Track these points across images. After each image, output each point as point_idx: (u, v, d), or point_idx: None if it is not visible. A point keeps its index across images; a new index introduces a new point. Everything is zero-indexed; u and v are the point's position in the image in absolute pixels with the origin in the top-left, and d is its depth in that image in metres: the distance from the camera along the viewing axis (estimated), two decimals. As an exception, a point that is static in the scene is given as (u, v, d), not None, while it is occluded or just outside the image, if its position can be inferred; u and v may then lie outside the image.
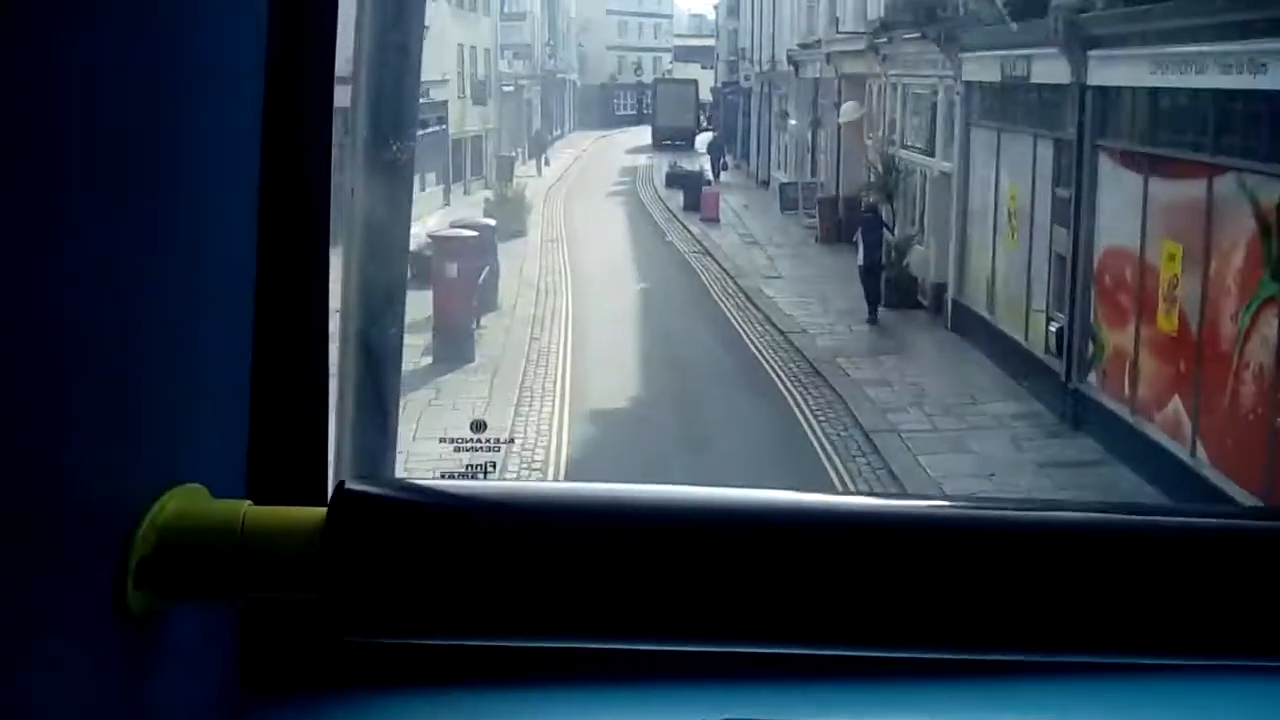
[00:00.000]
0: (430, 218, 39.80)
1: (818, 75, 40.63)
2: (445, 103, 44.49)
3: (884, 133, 31.42)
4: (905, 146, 29.88)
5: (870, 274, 28.20)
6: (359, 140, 2.11)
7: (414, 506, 1.38)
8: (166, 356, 1.42)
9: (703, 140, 68.66)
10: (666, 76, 79.66)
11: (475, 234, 23.45)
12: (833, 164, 38.21)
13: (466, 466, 13.67)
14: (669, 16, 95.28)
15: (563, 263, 33.64)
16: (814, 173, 42.14)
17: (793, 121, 45.52)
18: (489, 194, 39.21)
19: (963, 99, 24.58)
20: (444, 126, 44.24)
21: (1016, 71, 21.10)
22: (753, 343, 25.52)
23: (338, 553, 1.30)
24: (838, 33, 34.21)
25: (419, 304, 21.48)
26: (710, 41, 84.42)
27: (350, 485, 1.36)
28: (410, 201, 2.43)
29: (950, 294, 25.04)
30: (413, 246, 28.10)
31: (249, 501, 1.40)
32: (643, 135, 72.71)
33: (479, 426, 14.67)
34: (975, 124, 24.22)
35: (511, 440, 17.71)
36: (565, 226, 40.58)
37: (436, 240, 23.49)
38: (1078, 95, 18.36)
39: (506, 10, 55.20)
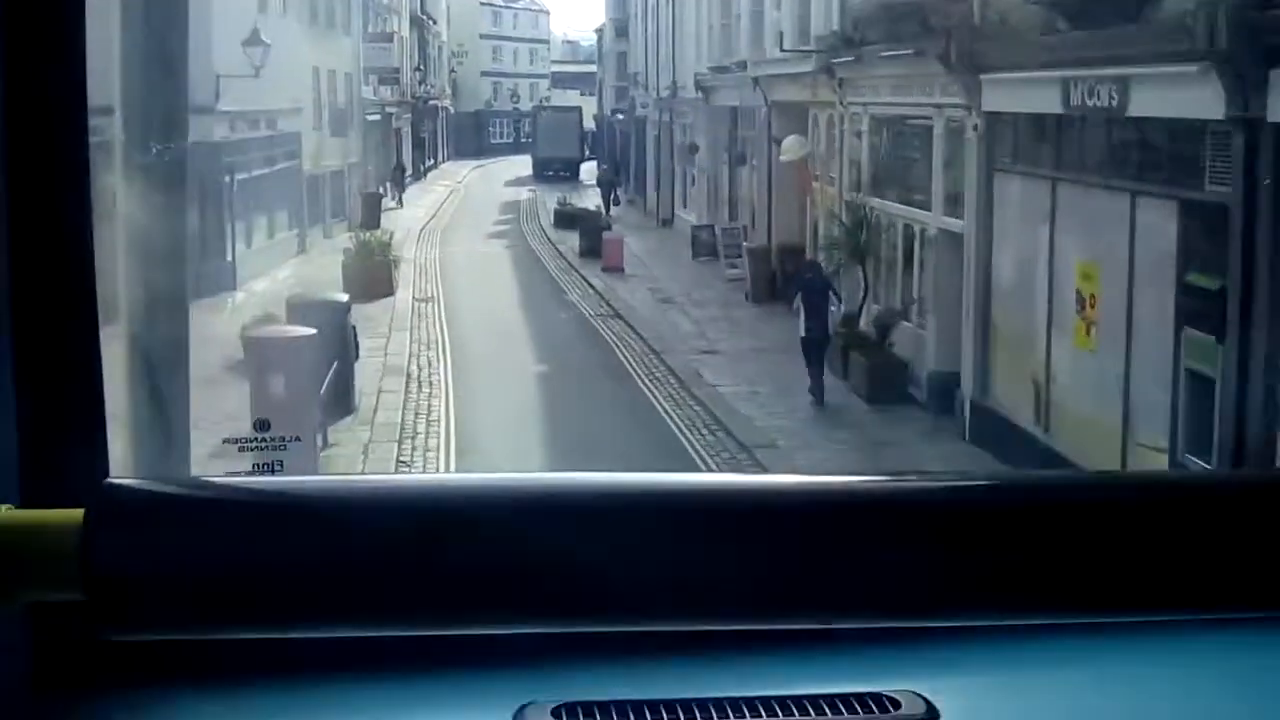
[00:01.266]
0: (281, 269, 32.49)
1: (736, 103, 33.67)
2: (298, 134, 36.83)
3: (843, 175, 24.41)
4: (880, 194, 22.87)
5: (815, 348, 21.74)
6: (116, 143, 2.04)
7: (178, 501, 1.31)
8: None
9: (588, 171, 62.56)
10: (546, 103, 72.33)
11: (311, 333, 15.83)
12: (762, 207, 31.25)
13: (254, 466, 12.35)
14: (545, 41, 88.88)
15: (439, 335, 26.20)
16: (733, 215, 35.17)
17: (702, 156, 38.52)
18: (350, 241, 31.44)
19: (981, 135, 17.60)
20: (295, 161, 36.71)
21: (1097, 100, 14.06)
22: (703, 458, 18.35)
23: (96, 551, 1.24)
24: (781, 51, 27.16)
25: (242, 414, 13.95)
26: (590, 67, 78.87)
27: (111, 481, 1.32)
28: (183, 203, 2.41)
29: (968, 393, 18.06)
30: (239, 332, 19.93)
31: (9, 505, 1.32)
32: (521, 165, 65.95)
33: (263, 425, 12.92)
34: (1005, 169, 17.29)
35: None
36: (441, 280, 33.14)
37: (254, 344, 15.88)
38: (1244, 136, 11.35)
39: (370, 30, 47.55)
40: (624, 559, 1.26)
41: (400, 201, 48.09)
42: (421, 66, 60.93)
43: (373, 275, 29.76)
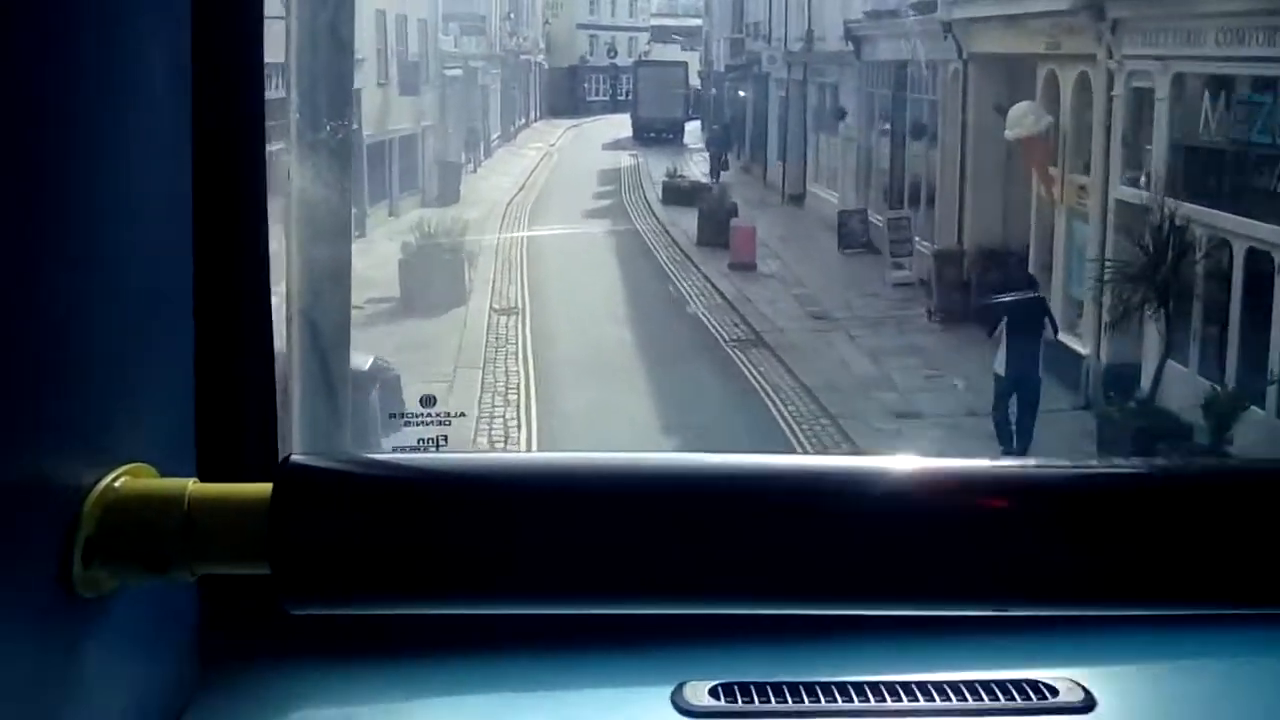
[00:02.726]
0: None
1: (908, 57, 25.13)
2: (356, 91, 28.89)
3: (1111, 163, 15.90)
4: (1195, 198, 14.35)
5: (1023, 395, 15.38)
6: (292, 123, 2.12)
7: (359, 479, 1.31)
8: (110, 340, 1.38)
9: (692, 133, 54.30)
10: (647, 58, 63.85)
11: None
12: (950, 195, 22.77)
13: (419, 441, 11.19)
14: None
15: (521, 377, 18.17)
16: (893, 199, 26.70)
17: (850, 122, 30.02)
18: (412, 232, 23.41)
19: None
20: (351, 125, 28.73)
21: None
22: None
23: (283, 526, 1.25)
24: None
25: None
26: (692, 21, 70.68)
27: (295, 459, 1.31)
28: (349, 180, 2.29)
29: None
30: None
31: (194, 479, 1.35)
32: (620, 125, 57.60)
33: (428, 401, 12.46)
34: None
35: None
36: (527, 279, 25.04)
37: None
38: None
39: (453, -31, 39.52)
40: (785, 543, 1.23)
41: (474, 167, 40.22)
42: (512, 15, 52.85)
43: (439, 277, 21.84)
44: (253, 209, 1.67)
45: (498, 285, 24.45)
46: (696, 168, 44.43)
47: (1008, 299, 17.49)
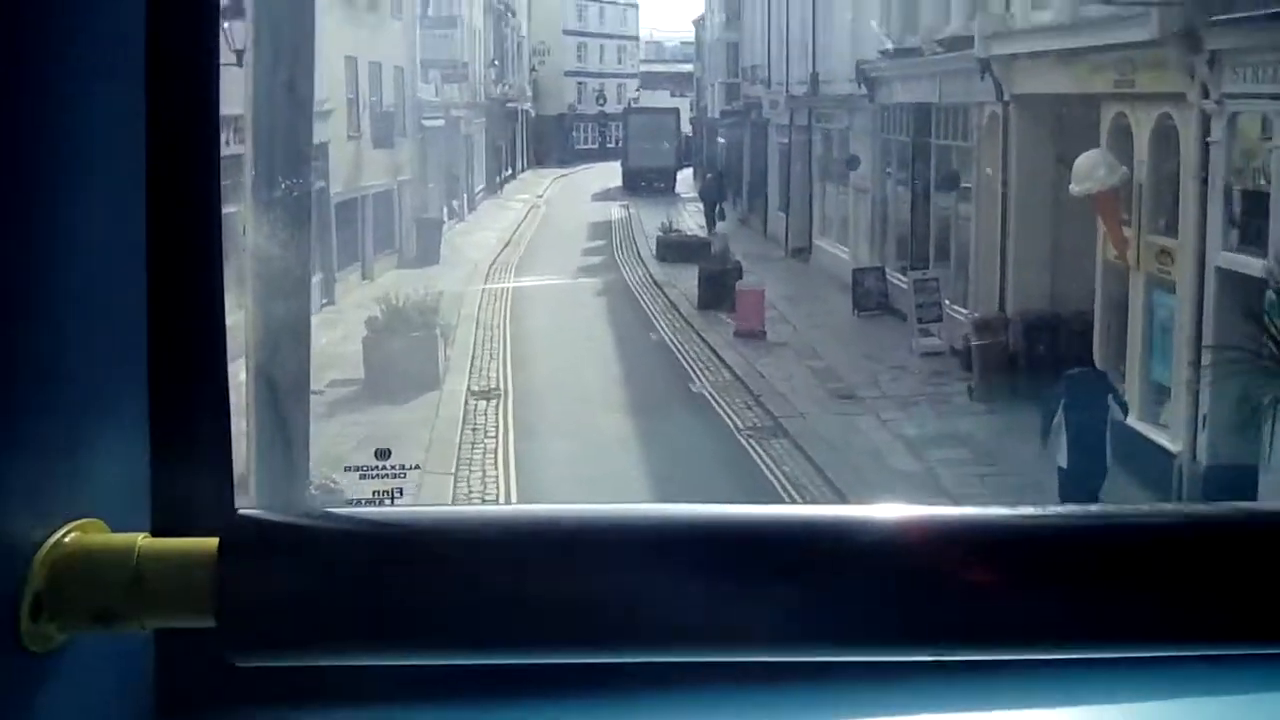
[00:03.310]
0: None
1: (933, 99, 22.23)
2: (324, 145, 25.87)
3: (1210, 223, 12.90)
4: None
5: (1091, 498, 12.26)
6: (248, 178, 2.05)
7: (307, 531, 1.28)
8: (63, 393, 1.36)
9: (684, 181, 51.70)
10: (637, 105, 61.01)
11: None
12: (989, 255, 19.78)
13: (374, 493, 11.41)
14: (634, 38, 77.74)
15: (501, 483, 15.06)
16: (916, 256, 23.76)
17: (864, 171, 27.09)
18: (378, 305, 20.26)
19: None
20: (308, 183, 25.68)
21: None
22: None
23: (229, 579, 1.24)
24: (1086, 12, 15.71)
25: None
26: (681, 66, 68.47)
27: (244, 512, 1.31)
28: (309, 236, 2.32)
29: None
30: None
31: (145, 534, 1.32)
32: (609, 174, 54.90)
33: (383, 454, 12.18)
34: None
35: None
36: (511, 353, 21.97)
37: None
38: None
39: (430, 15, 36.61)
40: (721, 591, 1.23)
41: (459, 216, 37.37)
42: (497, 62, 50.13)
43: (410, 357, 18.78)
44: (207, 262, 1.61)
45: (477, 361, 21.38)
46: (691, 219, 41.55)
47: (1066, 378, 14.55)
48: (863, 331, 23.45)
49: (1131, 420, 14.47)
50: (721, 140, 48.41)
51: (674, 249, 32.37)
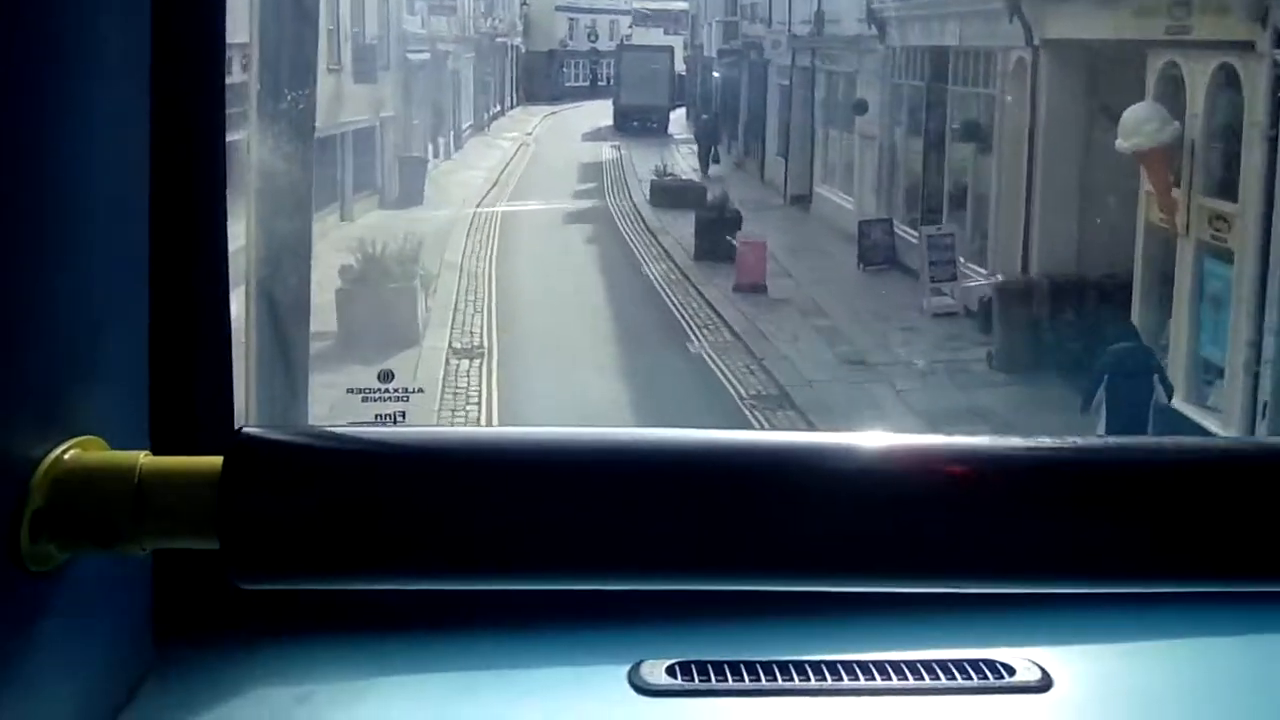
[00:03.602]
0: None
1: (954, 43, 20.58)
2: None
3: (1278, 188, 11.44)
4: None
5: None
6: (252, 92, 2.00)
7: (312, 451, 1.26)
8: (62, 311, 1.34)
9: (677, 121, 50.01)
10: (630, 42, 58.98)
11: None
12: (1012, 213, 18.24)
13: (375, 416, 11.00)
14: (628, -28, 75.48)
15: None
16: (928, 210, 22.22)
17: (872, 117, 25.47)
18: (353, 254, 18.65)
19: None
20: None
21: None
22: None
23: (232, 500, 1.20)
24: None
25: None
26: (678, 4, 66.51)
27: (248, 431, 1.25)
28: (311, 153, 2.25)
29: None
30: None
31: (146, 452, 1.28)
32: (600, 112, 53.18)
33: (386, 376, 11.92)
34: None
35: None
36: (496, 306, 20.42)
37: None
38: None
39: (419, -58, 34.79)
40: (743, 519, 1.20)
41: (445, 154, 35.74)
42: (487, -6, 48.26)
43: (387, 310, 17.25)
44: (210, 182, 1.60)
45: (460, 315, 19.85)
46: (685, 161, 39.92)
47: (1110, 353, 13.15)
48: (870, 288, 21.95)
49: (1176, 402, 13.09)
50: (717, 78, 46.65)
51: (668, 194, 30.78)
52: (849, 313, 20.16)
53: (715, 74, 46.67)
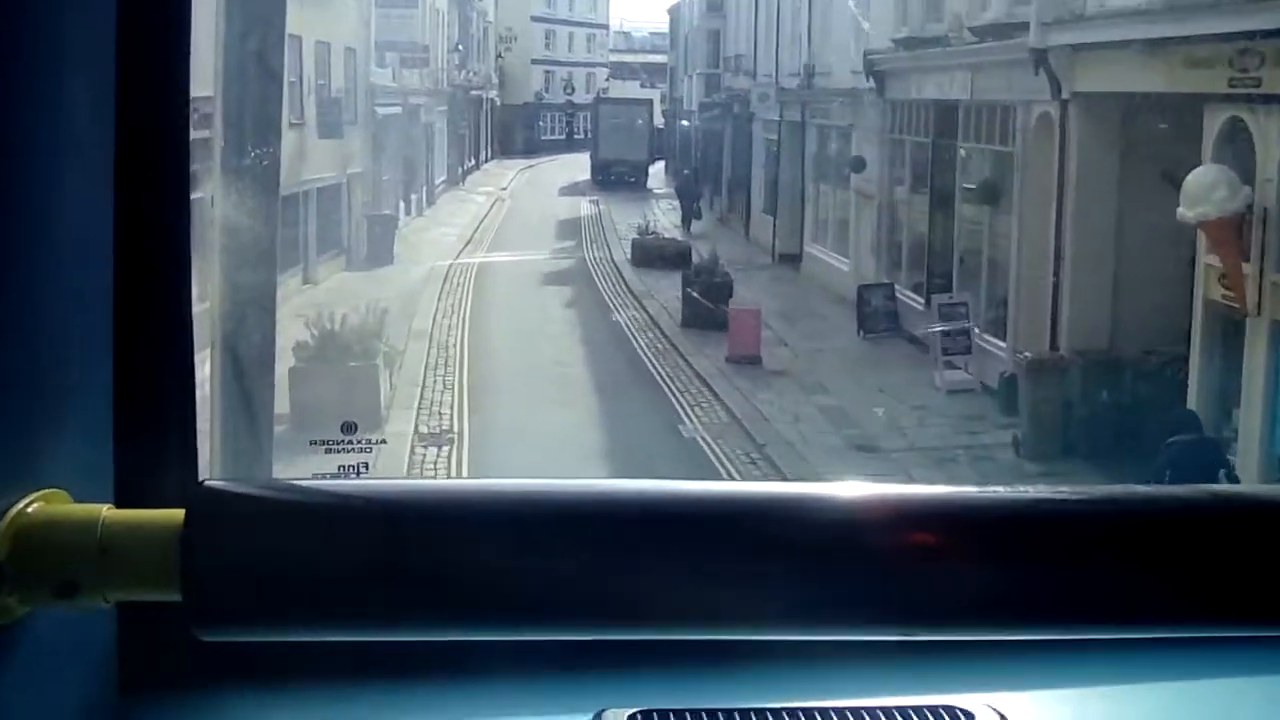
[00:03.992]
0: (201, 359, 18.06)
1: (963, 96, 18.87)
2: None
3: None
4: None
5: None
6: (216, 149, 2.08)
7: (273, 504, 1.25)
8: (27, 364, 1.33)
9: (655, 175, 48.51)
10: (606, 95, 57.36)
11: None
12: (1036, 282, 16.44)
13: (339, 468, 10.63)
14: (605, 27, 74.33)
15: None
16: (934, 275, 20.47)
17: (870, 174, 23.76)
18: (309, 329, 16.64)
19: None
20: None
21: None
22: None
23: (195, 552, 1.19)
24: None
25: None
26: (653, 57, 65.42)
27: (209, 484, 1.27)
28: (276, 207, 2.24)
29: None
30: None
31: (110, 505, 1.28)
32: (576, 166, 51.64)
33: (349, 428, 11.70)
34: None
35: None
36: (468, 385, 18.46)
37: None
38: None
39: (388, -9, 33.01)
40: (700, 569, 1.19)
41: (413, 212, 33.97)
42: (461, 47, 46.58)
43: (346, 390, 15.27)
44: (174, 239, 1.59)
45: (428, 393, 17.89)
46: (665, 217, 38.23)
47: (1170, 447, 11.34)
48: (873, 359, 20.12)
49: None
50: (698, 131, 45.08)
51: (651, 254, 29.01)
52: (854, 388, 18.31)
53: (688, 125, 45.11)
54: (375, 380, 16.22)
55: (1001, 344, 17.59)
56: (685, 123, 51.97)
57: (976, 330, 18.14)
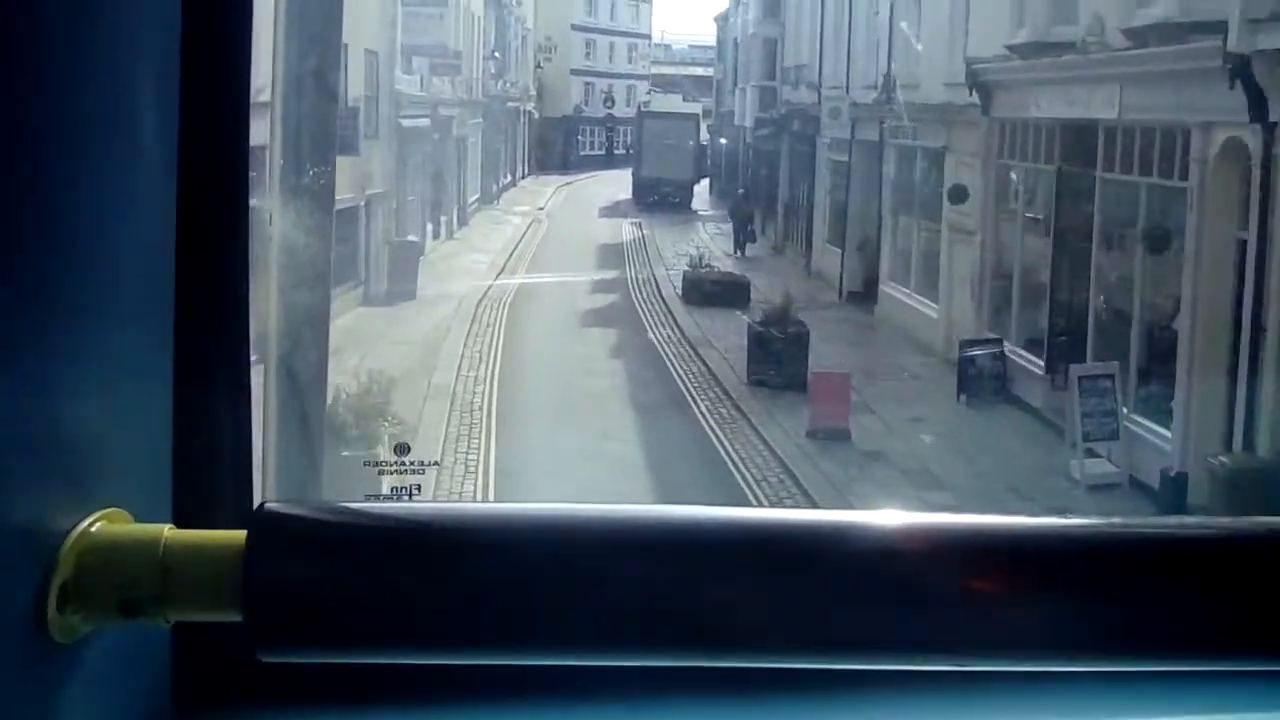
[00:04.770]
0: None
1: (1110, 115, 15.05)
2: (259, 149, 18.55)
3: None
4: None
5: None
6: (275, 167, 2.05)
7: (333, 527, 1.26)
8: (88, 384, 1.33)
9: (701, 195, 45.06)
10: (650, 108, 53.53)
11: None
12: (1213, 354, 12.53)
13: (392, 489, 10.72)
14: (647, 37, 70.75)
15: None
16: (1074, 341, 16.62)
17: (963, 207, 19.95)
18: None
19: None
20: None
21: None
22: None
23: (256, 574, 1.21)
24: None
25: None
26: (693, 69, 62.17)
27: (270, 506, 1.26)
28: (331, 226, 2.18)
29: None
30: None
31: (170, 525, 1.29)
32: (616, 184, 48.07)
33: (403, 450, 11.71)
34: None
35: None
36: (493, 468, 14.77)
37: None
38: None
39: (415, -10, 29.44)
40: (745, 596, 1.20)
41: (437, 235, 30.49)
42: (498, 55, 43.08)
43: (331, 490, 11.45)
44: (233, 256, 1.57)
45: (447, 479, 14.20)
46: (715, 244, 34.56)
47: None
48: (986, 436, 16.33)
49: None
50: (748, 151, 41.39)
51: (706, 291, 25.24)
52: (970, 478, 14.53)
53: (726, 143, 41.43)
54: (373, 478, 12.57)
55: (1158, 429, 13.77)
56: (723, 140, 48.48)
57: (1124, 409, 14.32)
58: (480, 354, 20.89)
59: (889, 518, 1.21)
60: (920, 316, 21.87)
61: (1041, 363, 16.82)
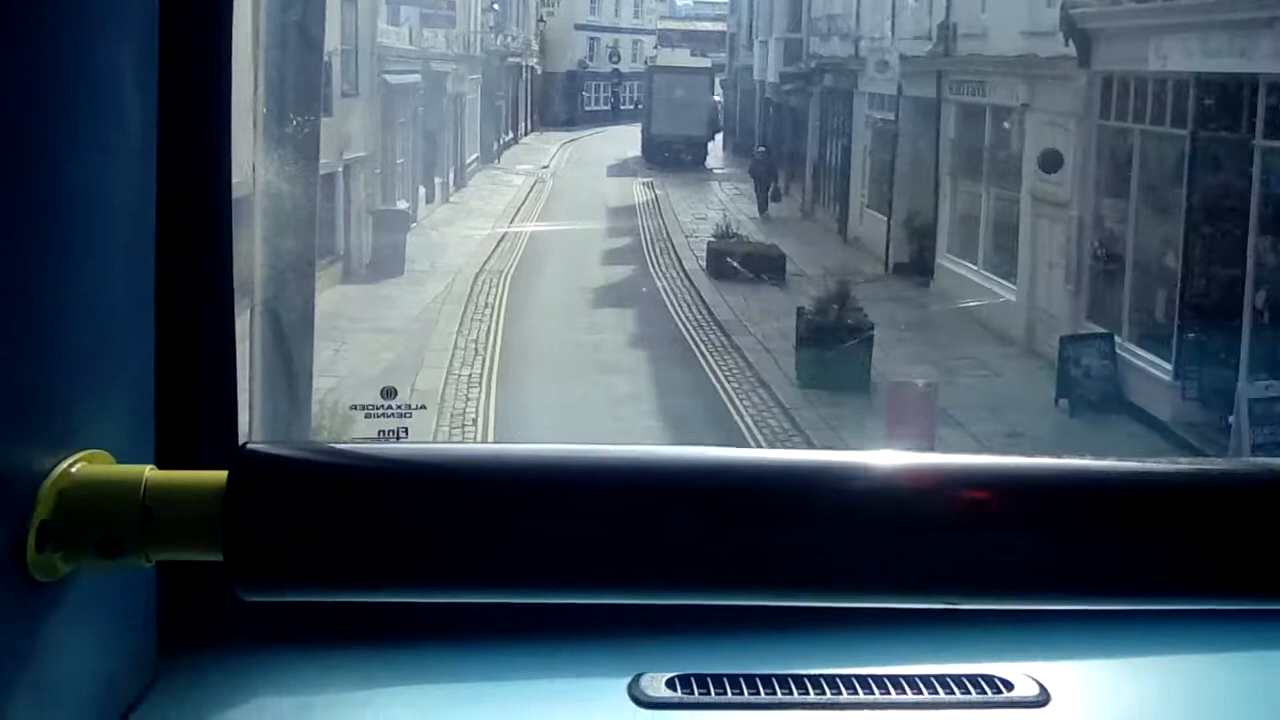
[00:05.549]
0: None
1: (1271, 69, 11.43)
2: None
3: None
4: None
5: None
6: (258, 117, 2.02)
7: (314, 466, 1.24)
8: (70, 326, 1.31)
9: (714, 153, 41.77)
10: (656, 62, 49.78)
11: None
12: None
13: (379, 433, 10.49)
14: (653, -11, 67.25)
15: None
16: (1204, 333, 13.08)
17: (1054, 176, 16.42)
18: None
19: None
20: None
21: None
22: None
23: (237, 513, 1.19)
24: None
25: None
26: (701, 24, 58.88)
27: (252, 447, 1.25)
28: (316, 175, 2.27)
29: None
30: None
31: (151, 466, 1.27)
32: (624, 139, 44.83)
33: (389, 393, 11.23)
34: None
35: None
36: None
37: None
38: None
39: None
40: (741, 535, 1.18)
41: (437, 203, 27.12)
42: (497, 6, 39.54)
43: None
44: (216, 199, 1.57)
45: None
46: (735, 205, 31.17)
47: None
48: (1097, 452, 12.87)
49: None
50: (767, 107, 37.87)
51: (733, 263, 21.82)
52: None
53: (725, 100, 37.88)
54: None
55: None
56: (718, 98, 45.04)
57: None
58: (476, 344, 17.55)
59: (894, 458, 1.19)
60: (991, 298, 18.48)
61: (1169, 366, 13.44)
